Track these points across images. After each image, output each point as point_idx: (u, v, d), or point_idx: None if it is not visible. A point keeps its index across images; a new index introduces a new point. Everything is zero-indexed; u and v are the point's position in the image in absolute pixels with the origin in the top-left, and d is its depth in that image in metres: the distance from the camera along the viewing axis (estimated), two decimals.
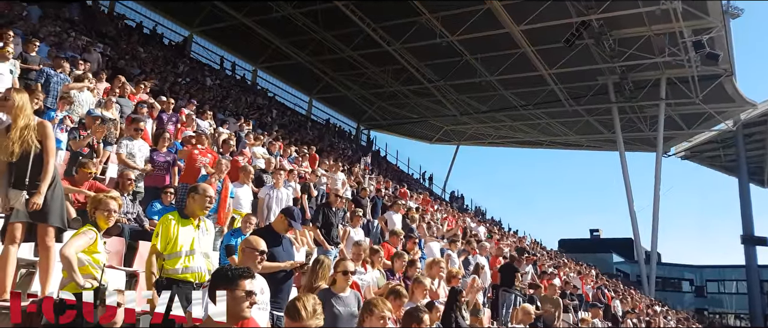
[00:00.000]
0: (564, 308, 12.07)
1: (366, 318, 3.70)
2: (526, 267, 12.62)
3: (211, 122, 12.01)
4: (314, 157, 14.10)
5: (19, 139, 3.84)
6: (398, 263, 7.23)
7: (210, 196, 4.11)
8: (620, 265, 48.41)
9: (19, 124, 3.88)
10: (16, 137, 3.84)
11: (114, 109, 8.84)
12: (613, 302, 17.36)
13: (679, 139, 39.38)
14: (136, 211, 6.39)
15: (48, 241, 3.90)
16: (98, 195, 4.11)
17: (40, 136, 3.93)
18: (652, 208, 33.82)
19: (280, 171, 8.67)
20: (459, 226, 17.00)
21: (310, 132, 27.32)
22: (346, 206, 10.53)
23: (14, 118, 3.89)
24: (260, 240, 3.94)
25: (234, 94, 22.36)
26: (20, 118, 3.89)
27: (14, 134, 3.84)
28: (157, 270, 3.79)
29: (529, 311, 7.57)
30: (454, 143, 46.29)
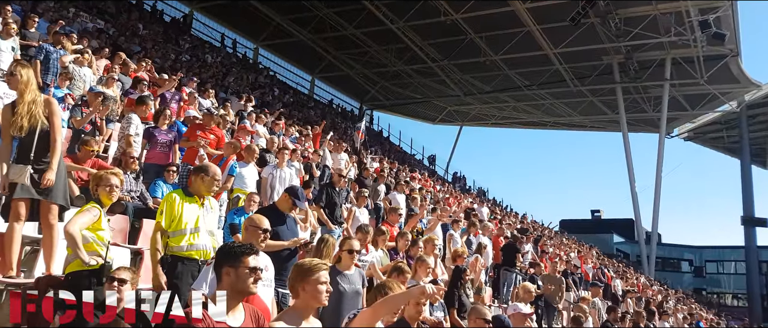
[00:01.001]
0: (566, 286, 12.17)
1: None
2: (526, 247, 12.68)
3: (214, 101, 11.96)
4: (318, 136, 14.06)
5: (27, 113, 3.83)
6: (401, 242, 7.26)
7: (219, 179, 4.13)
8: (621, 245, 48.72)
9: (27, 98, 3.87)
10: (24, 112, 3.83)
11: (115, 87, 8.79)
12: (613, 282, 17.48)
13: (682, 121, 39.23)
14: (139, 189, 6.39)
15: (51, 218, 3.90)
16: (100, 172, 4.10)
17: (46, 113, 3.92)
18: (654, 189, 33.90)
19: (283, 151, 8.67)
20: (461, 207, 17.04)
21: (313, 112, 27.22)
22: (350, 186, 10.54)
23: (21, 93, 3.88)
24: (263, 218, 3.94)
25: (235, 72, 22.23)
26: (27, 93, 3.88)
27: (22, 109, 3.83)
28: (161, 247, 3.79)
29: (530, 289, 7.59)
30: (458, 124, 46.17)
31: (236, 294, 2.51)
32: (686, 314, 18.13)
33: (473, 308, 5.16)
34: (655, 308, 15.05)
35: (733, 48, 28.61)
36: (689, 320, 17.06)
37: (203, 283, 3.35)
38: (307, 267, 2.77)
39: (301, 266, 2.81)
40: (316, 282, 2.70)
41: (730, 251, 50.10)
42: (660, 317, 13.15)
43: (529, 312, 6.39)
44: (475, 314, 4.82)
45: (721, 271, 51.64)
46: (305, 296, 2.71)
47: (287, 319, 2.70)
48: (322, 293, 2.71)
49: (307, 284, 2.70)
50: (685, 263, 52.62)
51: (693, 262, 52.59)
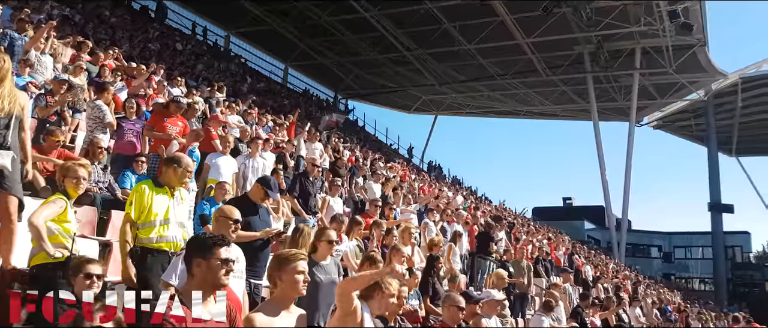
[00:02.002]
0: (535, 272, 12.37)
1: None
2: (500, 234, 12.84)
3: (183, 89, 11.73)
4: (293, 125, 13.93)
5: (8, 96, 3.80)
6: (376, 232, 7.28)
7: (190, 171, 4.07)
8: (591, 232, 49.65)
9: (6, 85, 3.85)
10: (5, 94, 3.79)
11: (82, 76, 8.55)
12: (584, 268, 17.81)
13: (651, 109, 40.11)
14: (107, 180, 6.25)
15: (12, 211, 3.78)
16: (66, 163, 3.99)
17: (22, 103, 3.90)
18: (624, 176, 34.64)
19: (256, 140, 8.57)
20: (433, 194, 17.13)
21: (287, 101, 26.96)
22: (324, 175, 10.49)
23: (2, 78, 3.85)
24: (234, 209, 3.91)
25: (206, 60, 21.84)
26: (7, 79, 3.87)
27: (2, 91, 3.80)
28: (131, 239, 3.71)
29: (503, 276, 7.75)
30: (433, 113, 46.32)
31: (208, 286, 2.47)
32: (655, 299, 18.62)
33: (447, 296, 5.24)
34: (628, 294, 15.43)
35: (701, 38, 29.31)
36: (658, 304, 17.51)
37: (172, 274, 3.31)
38: (285, 257, 2.79)
39: (280, 256, 2.84)
40: (294, 271, 2.73)
41: (697, 237, 51.40)
42: (630, 302, 13.48)
43: (502, 299, 6.52)
44: (449, 302, 4.91)
45: (689, 256, 52.98)
46: (283, 286, 2.74)
47: (266, 310, 2.70)
48: (299, 282, 2.73)
49: (284, 274, 2.73)
50: (655, 249, 53.86)
51: (662, 248, 53.87)
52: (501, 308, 6.79)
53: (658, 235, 54.41)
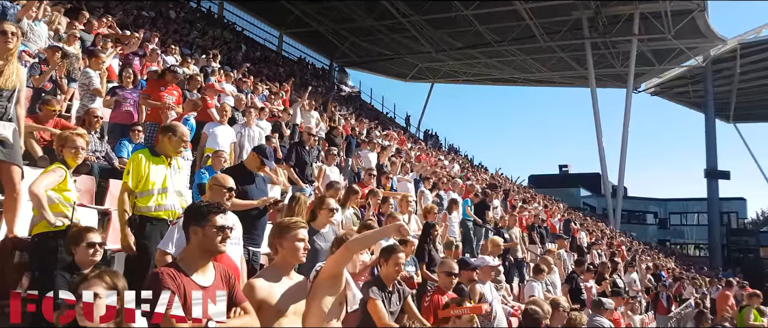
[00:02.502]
0: (530, 239, 12.54)
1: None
2: (495, 202, 12.94)
3: (177, 57, 11.64)
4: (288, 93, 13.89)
5: (15, 70, 3.89)
6: (372, 201, 7.34)
7: (186, 140, 4.09)
8: (587, 199, 50.00)
9: (14, 59, 3.94)
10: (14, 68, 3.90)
11: (76, 45, 8.48)
12: (579, 234, 18.04)
13: (649, 76, 39.96)
14: (104, 149, 6.26)
15: (15, 180, 3.82)
16: (64, 132, 4.01)
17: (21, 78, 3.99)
18: (620, 143, 34.72)
19: (251, 109, 8.56)
20: (430, 162, 17.20)
21: (282, 69, 26.73)
22: (320, 144, 10.51)
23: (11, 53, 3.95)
24: (228, 177, 3.95)
25: (200, 27, 21.56)
26: (15, 53, 3.97)
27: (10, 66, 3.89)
28: (129, 208, 3.76)
29: (498, 243, 7.84)
30: (429, 81, 46.07)
31: (204, 253, 2.52)
32: (649, 265, 18.89)
33: (442, 262, 5.34)
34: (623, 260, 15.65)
35: (700, 3, 29.02)
36: (652, 270, 17.77)
37: (169, 242, 3.36)
38: (285, 225, 2.86)
39: (280, 224, 2.91)
40: (294, 239, 2.80)
41: (693, 203, 51.78)
42: (625, 268, 13.68)
43: (496, 264, 6.64)
44: (444, 268, 5.02)
45: (684, 223, 53.38)
46: (284, 252, 2.82)
47: (267, 276, 2.78)
48: (299, 249, 2.81)
49: (285, 241, 2.80)
50: (650, 215, 54.25)
51: (658, 214, 54.25)
52: (495, 274, 6.92)
53: (653, 201, 54.81)
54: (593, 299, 7.59)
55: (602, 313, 6.70)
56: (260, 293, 2.65)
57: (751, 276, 28.10)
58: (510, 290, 9.00)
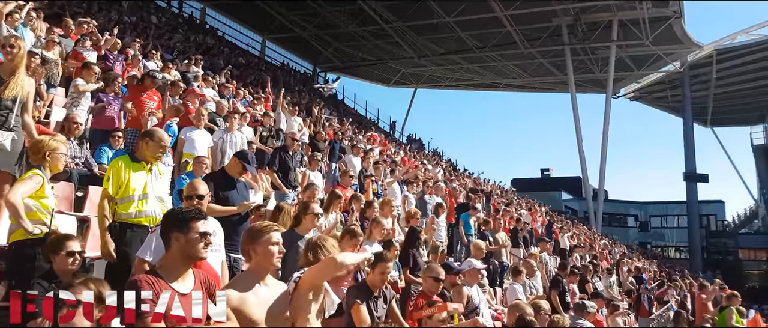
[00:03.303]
0: (514, 243, 12.61)
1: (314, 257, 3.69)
2: (478, 205, 13.01)
3: (159, 63, 11.54)
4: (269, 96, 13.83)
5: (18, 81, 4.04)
6: (355, 205, 7.33)
7: (165, 145, 4.03)
8: (569, 202, 50.46)
9: (20, 70, 4.10)
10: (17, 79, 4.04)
11: (55, 50, 8.37)
12: (561, 237, 18.20)
13: (628, 81, 40.60)
14: (83, 155, 6.18)
15: (5, 187, 3.79)
16: (42, 138, 3.95)
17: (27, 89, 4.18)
18: (600, 147, 35.18)
19: (234, 114, 8.51)
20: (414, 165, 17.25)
21: (265, 74, 26.63)
22: (304, 149, 10.47)
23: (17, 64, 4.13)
24: (199, 183, 3.91)
25: (181, 33, 21.40)
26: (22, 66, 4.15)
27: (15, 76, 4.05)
28: (109, 214, 3.71)
29: (481, 246, 7.88)
30: (412, 86, 46.27)
31: (186, 259, 2.48)
32: (631, 268, 19.10)
33: (427, 267, 5.35)
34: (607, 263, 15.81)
35: (677, 10, 29.64)
36: (633, 273, 17.95)
37: (147, 250, 3.30)
38: (257, 229, 2.74)
39: (252, 229, 2.78)
40: (268, 243, 2.67)
41: (673, 206, 52.31)
42: (607, 271, 13.83)
43: (482, 267, 6.70)
44: (429, 272, 5.01)
45: (664, 225, 53.93)
46: (258, 258, 2.68)
47: (241, 284, 2.66)
48: (274, 254, 2.68)
49: (258, 246, 2.67)
50: (631, 218, 54.81)
51: (638, 217, 54.83)
52: (480, 277, 6.97)
53: (634, 204, 55.45)
54: (576, 302, 7.66)
55: (585, 316, 6.76)
56: (232, 302, 2.50)
57: (731, 278, 28.56)
58: (493, 295, 9.05)
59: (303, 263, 3.35)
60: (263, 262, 2.69)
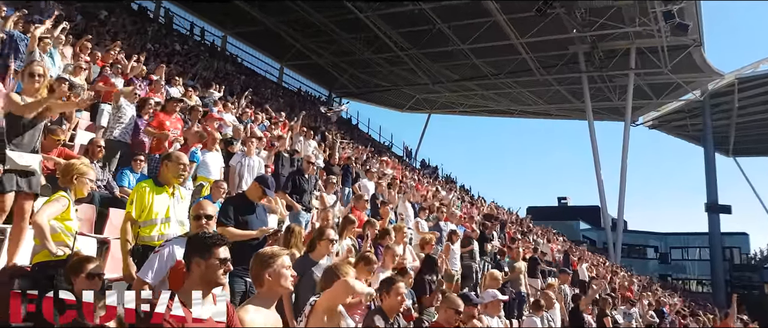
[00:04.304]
0: (531, 273, 12.42)
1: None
2: (494, 233, 12.89)
3: (181, 89, 11.79)
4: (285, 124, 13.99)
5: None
6: (369, 231, 7.31)
7: (184, 163, 4.10)
8: (587, 232, 49.71)
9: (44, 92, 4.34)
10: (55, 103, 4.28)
11: (82, 76, 8.60)
12: (580, 268, 17.90)
13: (647, 109, 40.19)
14: (105, 178, 6.30)
15: (27, 211, 3.88)
16: (72, 162, 4.05)
17: None
18: (619, 176, 34.71)
19: (251, 139, 8.62)
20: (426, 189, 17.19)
21: (282, 100, 26.99)
22: (319, 173, 10.53)
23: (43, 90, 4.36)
24: (208, 204, 3.96)
25: (204, 60, 21.88)
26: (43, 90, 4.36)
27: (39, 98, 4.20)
28: (132, 237, 3.77)
29: (497, 276, 7.76)
30: (426, 112, 46.40)
31: (205, 285, 2.49)
32: (651, 301, 18.67)
33: (445, 297, 5.19)
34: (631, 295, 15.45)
35: (697, 38, 29.43)
36: (654, 306, 17.55)
37: (148, 271, 3.29)
38: (268, 255, 2.75)
39: (263, 254, 2.79)
40: (281, 267, 2.70)
41: (694, 238, 51.10)
42: (625, 303, 13.54)
43: (505, 298, 6.54)
44: (447, 304, 4.77)
45: (685, 257, 52.71)
46: (270, 282, 2.70)
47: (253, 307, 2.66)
48: (286, 277, 2.70)
49: (271, 271, 2.69)
50: (651, 249, 53.69)
51: (658, 248, 53.67)
52: None
53: (654, 235, 54.36)
54: None
55: None
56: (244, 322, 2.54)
57: (756, 313, 27.56)
58: (510, 326, 8.90)
59: (320, 290, 3.38)
60: (275, 286, 2.71)
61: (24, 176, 3.91)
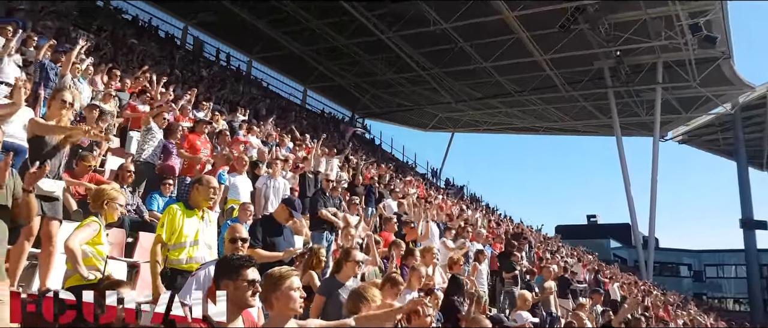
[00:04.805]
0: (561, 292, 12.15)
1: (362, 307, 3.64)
2: (522, 253, 12.69)
3: (208, 113, 12.00)
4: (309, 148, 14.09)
5: None
6: (395, 251, 7.26)
7: (214, 187, 4.17)
8: (618, 250, 48.61)
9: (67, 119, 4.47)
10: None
11: (112, 103, 8.82)
12: (611, 287, 17.48)
13: (676, 123, 39.35)
14: (135, 202, 6.40)
15: (54, 235, 3.95)
16: (102, 187, 4.13)
17: None
18: (650, 193, 33.97)
19: (276, 161, 8.71)
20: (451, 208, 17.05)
21: (306, 121, 27.27)
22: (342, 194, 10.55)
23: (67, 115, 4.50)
24: (242, 227, 3.99)
25: (230, 84, 22.32)
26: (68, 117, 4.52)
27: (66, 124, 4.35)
28: (161, 260, 3.81)
29: (527, 297, 7.61)
30: (449, 131, 46.21)
31: (235, 308, 2.50)
32: (686, 320, 18.10)
33: (473, 318, 5.09)
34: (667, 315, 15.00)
35: (725, 50, 28.82)
36: (689, 325, 17.01)
37: (187, 295, 3.32)
38: (277, 276, 2.67)
39: (271, 275, 2.71)
40: (289, 289, 2.62)
41: (729, 255, 49.46)
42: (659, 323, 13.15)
43: (536, 321, 6.42)
44: (475, 324, 4.76)
45: (721, 275, 51.06)
46: (279, 305, 2.63)
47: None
48: (296, 300, 2.63)
49: (279, 293, 2.62)
50: (684, 267, 52.24)
51: (692, 266, 52.18)
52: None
53: (687, 253, 52.87)
54: None
55: None
56: None
57: None
58: None
59: (347, 313, 3.34)
60: (285, 309, 2.64)
61: (48, 200, 3.99)
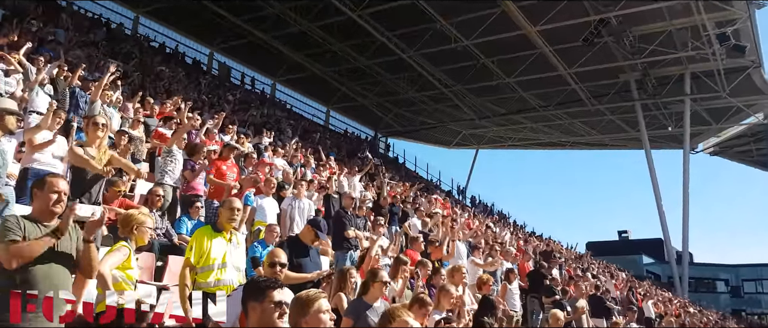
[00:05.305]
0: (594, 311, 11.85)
1: None
2: (553, 272, 12.43)
3: (234, 136, 12.16)
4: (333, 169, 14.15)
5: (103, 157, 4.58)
6: (421, 271, 7.16)
7: (235, 208, 4.21)
8: (651, 266, 47.35)
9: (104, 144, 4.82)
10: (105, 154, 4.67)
11: (140, 129, 9.02)
12: (645, 304, 17.00)
13: (706, 135, 38.42)
14: (164, 226, 6.48)
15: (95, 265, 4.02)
16: (131, 212, 4.19)
17: None
18: (681, 206, 33.13)
19: (301, 182, 8.75)
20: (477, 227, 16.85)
21: (329, 142, 27.46)
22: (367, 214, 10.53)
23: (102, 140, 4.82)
24: (281, 252, 3.98)
25: (255, 108, 22.67)
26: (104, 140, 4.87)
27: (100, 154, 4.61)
28: (190, 283, 3.84)
29: (559, 317, 7.43)
30: (473, 147, 45.95)
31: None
32: None
33: None
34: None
35: (755, 59, 28.14)
36: None
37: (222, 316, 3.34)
38: (305, 299, 2.66)
39: (300, 299, 2.70)
40: (318, 312, 2.60)
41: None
42: None
43: None
44: None
45: (760, 290, 49.35)
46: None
47: None
48: (325, 322, 2.61)
49: (308, 317, 2.60)
50: (721, 282, 50.53)
51: (729, 282, 50.44)
52: None
53: (723, 267, 51.18)
54: None
55: None
56: None
57: None
58: None
59: None
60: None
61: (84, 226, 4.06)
